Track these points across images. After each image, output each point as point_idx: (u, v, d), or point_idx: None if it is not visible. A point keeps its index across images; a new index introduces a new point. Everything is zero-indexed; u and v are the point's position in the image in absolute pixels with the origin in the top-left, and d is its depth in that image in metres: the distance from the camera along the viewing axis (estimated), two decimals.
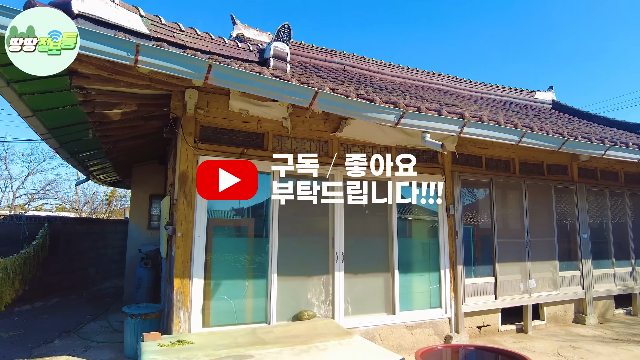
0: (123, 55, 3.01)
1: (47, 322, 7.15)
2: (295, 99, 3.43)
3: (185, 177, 4.69)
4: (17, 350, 5.56)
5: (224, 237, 5.07)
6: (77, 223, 10.90)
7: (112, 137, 6.20)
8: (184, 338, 4.09)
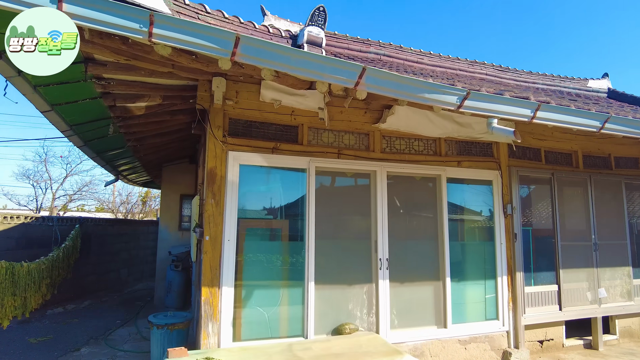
0: (135, 27, 2.56)
1: (77, 327, 6.92)
2: (338, 77, 2.88)
3: (214, 175, 4.25)
4: (42, 358, 5.29)
5: (255, 240, 4.60)
6: (109, 224, 10.78)
7: (137, 134, 5.86)
8: (213, 355, 3.65)
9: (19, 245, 7.51)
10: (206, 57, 3.49)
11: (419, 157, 5.19)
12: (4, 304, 4.59)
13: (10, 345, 5.91)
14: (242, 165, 4.43)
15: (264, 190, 4.71)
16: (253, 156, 4.44)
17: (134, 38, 2.66)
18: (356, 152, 4.86)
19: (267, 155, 4.49)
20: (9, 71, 3.30)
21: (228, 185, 4.29)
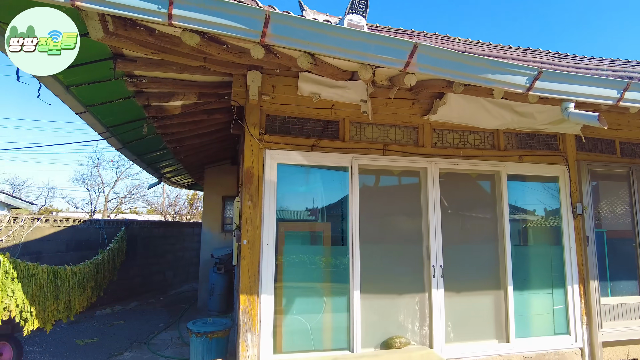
0: (153, 9, 2.31)
1: (122, 330, 6.95)
2: (385, 57, 2.49)
3: (251, 175, 3.98)
4: None
5: (295, 244, 4.29)
6: (154, 226, 10.93)
7: (176, 135, 5.74)
8: None
9: (69, 248, 7.68)
10: (237, 47, 3.23)
11: (474, 152, 4.68)
12: (46, 308, 4.58)
13: (59, 346, 5.98)
14: (280, 164, 4.13)
15: (304, 191, 4.39)
16: (291, 154, 4.14)
17: (153, 21, 2.41)
18: (403, 148, 4.43)
19: (306, 153, 4.17)
20: None
21: (266, 186, 4.00)
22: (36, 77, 3.28)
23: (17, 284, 4.05)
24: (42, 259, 6.91)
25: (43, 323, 4.60)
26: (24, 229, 6.54)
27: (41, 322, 4.52)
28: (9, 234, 6.27)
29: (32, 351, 5.69)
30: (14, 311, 4.06)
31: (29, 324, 4.29)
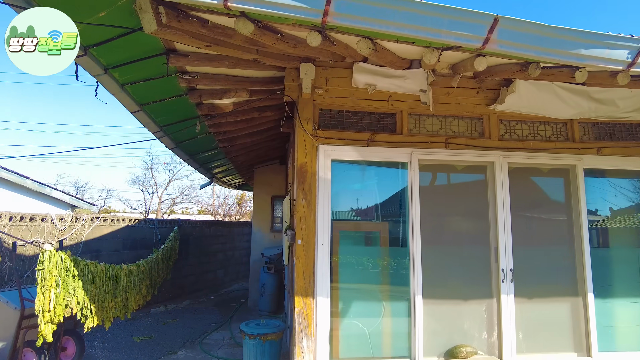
0: None
1: (176, 328, 7.04)
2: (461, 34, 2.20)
3: (304, 172, 3.81)
4: (143, 358, 5.34)
5: (351, 245, 4.08)
6: (206, 226, 11.12)
7: (228, 134, 5.70)
8: None
9: (125, 247, 7.92)
10: (292, 36, 3.07)
11: (546, 144, 4.25)
12: (104, 306, 4.66)
13: (117, 342, 6.14)
14: (334, 160, 3.93)
15: (359, 189, 4.17)
16: (346, 150, 3.92)
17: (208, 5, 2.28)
18: (468, 141, 4.09)
19: (362, 148, 3.94)
20: (96, 69, 3.18)
21: (320, 183, 3.82)
22: (94, 76, 3.29)
23: (78, 281, 4.13)
24: (101, 257, 7.16)
25: (102, 320, 4.69)
26: (84, 227, 6.80)
27: (100, 319, 4.60)
28: (72, 233, 6.52)
29: (94, 346, 5.86)
30: (75, 308, 4.14)
31: (89, 320, 4.37)
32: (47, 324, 3.77)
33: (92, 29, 2.74)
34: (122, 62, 3.26)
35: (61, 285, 3.87)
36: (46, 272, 3.79)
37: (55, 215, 6.25)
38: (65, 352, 4.92)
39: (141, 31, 2.82)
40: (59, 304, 3.84)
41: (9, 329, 4.42)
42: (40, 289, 3.79)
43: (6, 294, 4.54)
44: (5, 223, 5.38)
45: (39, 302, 3.76)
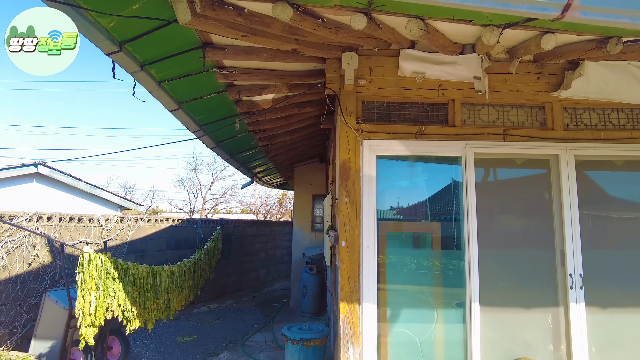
0: None
1: (218, 328, 7.01)
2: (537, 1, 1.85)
3: (347, 169, 3.56)
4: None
5: (399, 247, 3.80)
6: (248, 225, 11.13)
7: (267, 132, 5.56)
8: None
9: (169, 246, 8.01)
10: (334, 21, 2.84)
11: (620, 134, 3.77)
12: (146, 308, 4.64)
13: (161, 342, 6.16)
14: (380, 156, 3.66)
15: (407, 186, 3.87)
16: (392, 144, 3.64)
17: None
18: (528, 132, 3.69)
19: (410, 142, 3.64)
20: (132, 66, 3.09)
21: (364, 181, 3.56)
22: (130, 74, 3.21)
23: (119, 284, 4.11)
24: (145, 257, 7.26)
25: (144, 322, 4.66)
26: (129, 228, 6.90)
27: (142, 321, 4.58)
28: (117, 233, 6.63)
29: (139, 345, 5.91)
30: (117, 311, 4.12)
31: (131, 323, 4.35)
32: (88, 327, 3.75)
33: (126, 23, 2.63)
34: (158, 57, 3.15)
35: (101, 288, 3.85)
36: (86, 274, 3.77)
37: (102, 216, 6.37)
38: (111, 352, 4.95)
39: (176, 23, 2.69)
40: (99, 307, 3.82)
41: (59, 327, 4.50)
42: (81, 292, 3.78)
43: (56, 293, 4.62)
44: (56, 224, 5.52)
45: (79, 305, 3.75)
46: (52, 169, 10.59)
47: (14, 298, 4.93)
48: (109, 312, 4.01)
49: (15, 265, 4.96)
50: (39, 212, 5.32)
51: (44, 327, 4.55)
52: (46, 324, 4.55)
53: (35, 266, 5.17)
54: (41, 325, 4.56)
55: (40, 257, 5.24)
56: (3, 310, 4.81)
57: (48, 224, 5.41)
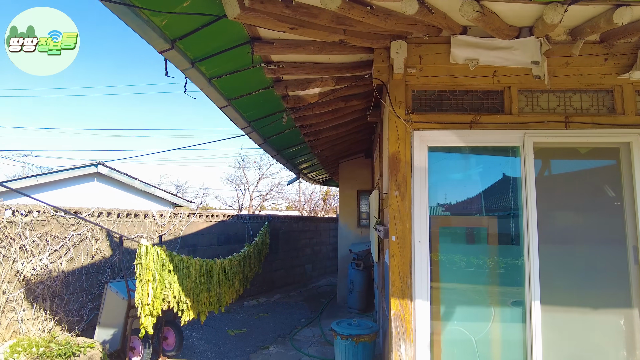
0: None
1: (267, 322, 7.12)
2: None
3: (397, 161, 3.46)
4: (237, 354, 5.41)
5: (452, 242, 3.65)
6: (294, 221, 11.23)
7: (313, 127, 5.55)
8: None
9: (219, 241, 8.23)
10: (382, 8, 2.76)
11: None
12: (199, 300, 4.77)
13: (213, 334, 6.34)
14: (431, 147, 3.52)
15: (461, 179, 3.71)
16: (444, 135, 3.50)
17: None
18: (594, 118, 3.41)
19: (463, 132, 3.48)
20: (183, 63, 3.16)
21: (415, 173, 3.44)
22: (181, 71, 3.28)
23: (173, 276, 4.26)
24: (197, 252, 7.49)
25: (197, 314, 4.80)
26: (182, 223, 7.15)
27: (195, 313, 4.72)
28: (171, 228, 6.89)
29: (192, 337, 6.11)
30: (172, 302, 4.27)
31: (185, 314, 4.50)
32: (147, 317, 3.92)
33: (177, 20, 2.69)
34: (208, 54, 3.21)
35: (158, 279, 3.99)
36: (143, 266, 3.93)
37: (156, 211, 6.64)
38: (166, 342, 5.15)
39: (225, 18, 2.72)
40: (156, 298, 3.98)
41: (119, 316, 4.74)
42: (139, 282, 3.95)
43: (116, 284, 4.87)
44: (115, 219, 5.81)
45: (138, 295, 3.92)
46: (110, 169, 11.21)
47: (80, 288, 5.24)
48: (165, 303, 4.17)
49: (80, 258, 5.27)
50: (100, 208, 5.63)
51: (106, 316, 4.81)
52: (108, 313, 4.80)
53: (97, 259, 5.47)
54: (104, 314, 4.82)
55: (102, 251, 5.54)
56: (71, 299, 5.14)
57: (107, 219, 5.71)
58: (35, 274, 4.73)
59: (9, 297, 4.51)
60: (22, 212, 4.69)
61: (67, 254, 5.11)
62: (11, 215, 4.60)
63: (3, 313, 4.46)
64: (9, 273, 4.54)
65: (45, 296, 4.82)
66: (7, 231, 4.52)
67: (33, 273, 4.71)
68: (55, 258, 4.98)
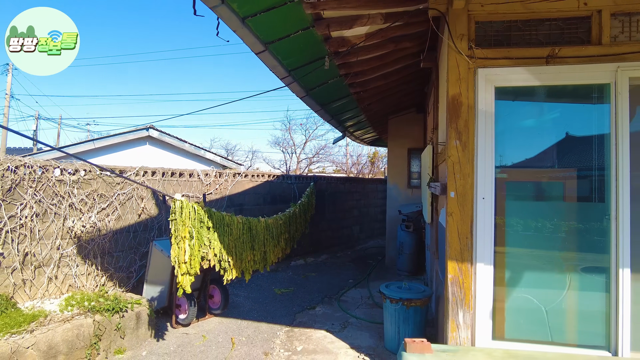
0: None
1: (314, 282, 7.01)
2: None
3: (458, 105, 2.99)
4: (283, 313, 5.32)
5: (522, 199, 3.19)
6: (340, 182, 10.92)
7: (359, 77, 5.07)
8: (466, 357, 2.56)
9: (265, 201, 8.12)
10: None
11: None
12: (242, 258, 4.64)
13: (260, 293, 6.32)
14: (499, 88, 3.01)
15: (533, 126, 3.18)
16: (514, 73, 2.96)
17: None
18: None
19: (538, 69, 2.93)
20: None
21: (479, 119, 2.97)
22: (210, 8, 2.95)
23: (213, 233, 4.11)
24: (244, 211, 7.43)
25: (241, 273, 4.69)
26: (227, 183, 7.06)
27: (239, 271, 4.61)
28: (217, 187, 6.82)
29: (238, 294, 6.12)
30: (213, 260, 4.15)
31: (228, 273, 4.38)
32: (185, 275, 3.81)
33: None
34: None
35: (195, 236, 3.86)
36: (179, 222, 3.79)
37: (201, 171, 6.56)
38: (212, 300, 5.14)
39: None
40: (194, 256, 3.85)
41: (165, 274, 4.74)
42: (174, 239, 3.82)
43: (161, 242, 4.85)
44: (159, 178, 5.78)
45: (174, 253, 3.80)
46: (160, 132, 11.38)
47: (128, 246, 5.30)
48: (205, 261, 4.05)
49: (128, 216, 5.30)
50: (144, 167, 5.59)
51: (153, 274, 4.83)
52: (154, 270, 4.81)
53: (144, 217, 5.49)
54: (150, 272, 4.84)
55: (148, 209, 5.54)
56: (120, 256, 5.22)
57: (152, 178, 5.68)
58: (85, 231, 4.79)
59: (63, 253, 4.61)
60: (70, 171, 4.71)
61: (114, 212, 5.14)
62: (60, 174, 4.63)
63: (59, 268, 4.58)
64: (61, 230, 4.62)
65: (95, 253, 4.90)
66: (56, 189, 4.56)
67: (83, 230, 4.77)
68: (103, 216, 5.02)
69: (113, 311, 3.95)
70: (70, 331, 3.59)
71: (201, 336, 4.48)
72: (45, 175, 4.48)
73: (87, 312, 3.88)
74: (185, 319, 4.66)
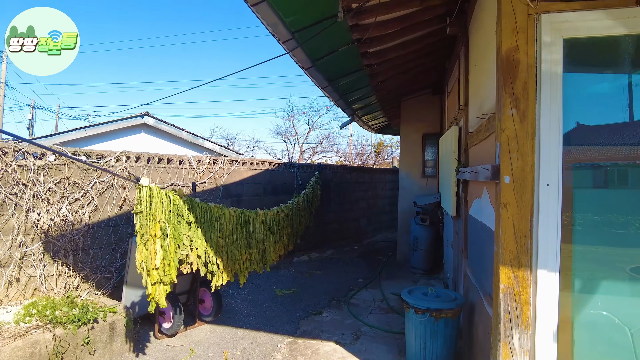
0: None
1: (319, 281, 6.34)
2: None
3: (514, 64, 2.26)
4: (285, 319, 4.64)
5: (595, 187, 2.45)
6: (346, 171, 10.21)
7: (375, 44, 4.33)
8: None
9: (266, 192, 7.43)
10: None
11: None
12: (236, 259, 3.93)
13: (259, 294, 5.65)
14: (568, 40, 2.27)
15: (614, 92, 2.44)
16: (590, 17, 2.22)
17: None
18: None
19: (623, 12, 2.19)
20: None
21: (544, 81, 2.24)
22: None
23: (196, 230, 3.40)
24: (242, 202, 6.74)
25: (234, 275, 3.98)
26: (223, 171, 6.36)
27: (231, 275, 3.90)
28: (211, 176, 6.13)
29: (235, 297, 5.45)
30: (196, 263, 3.43)
31: (217, 278, 3.67)
32: (157, 285, 3.07)
33: None
34: None
35: (170, 234, 3.12)
36: (146, 216, 3.05)
37: (193, 157, 5.86)
38: (203, 305, 4.45)
39: None
40: (168, 260, 3.11)
41: None
42: (140, 239, 3.04)
43: None
44: (144, 164, 5.08)
45: (140, 257, 3.04)
46: (156, 119, 10.75)
47: (108, 242, 4.63)
48: (185, 265, 3.34)
49: (107, 208, 4.62)
50: (127, 151, 4.89)
51: (134, 274, 4.15)
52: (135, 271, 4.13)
53: (126, 209, 4.80)
54: (131, 272, 4.16)
55: (131, 200, 4.86)
56: (98, 254, 4.54)
57: (137, 165, 4.98)
58: (54, 225, 4.12)
59: (26, 251, 3.94)
60: (35, 154, 4.01)
61: (90, 203, 4.46)
62: (22, 159, 3.94)
63: (21, 269, 3.92)
64: (24, 224, 3.94)
65: (67, 251, 4.22)
66: (17, 176, 3.87)
67: (51, 224, 4.09)
68: (77, 208, 4.34)
69: (79, 322, 3.27)
70: (21, 350, 2.92)
71: (188, 349, 3.81)
72: (3, 159, 3.78)
73: (46, 325, 3.20)
74: (170, 328, 3.99)
